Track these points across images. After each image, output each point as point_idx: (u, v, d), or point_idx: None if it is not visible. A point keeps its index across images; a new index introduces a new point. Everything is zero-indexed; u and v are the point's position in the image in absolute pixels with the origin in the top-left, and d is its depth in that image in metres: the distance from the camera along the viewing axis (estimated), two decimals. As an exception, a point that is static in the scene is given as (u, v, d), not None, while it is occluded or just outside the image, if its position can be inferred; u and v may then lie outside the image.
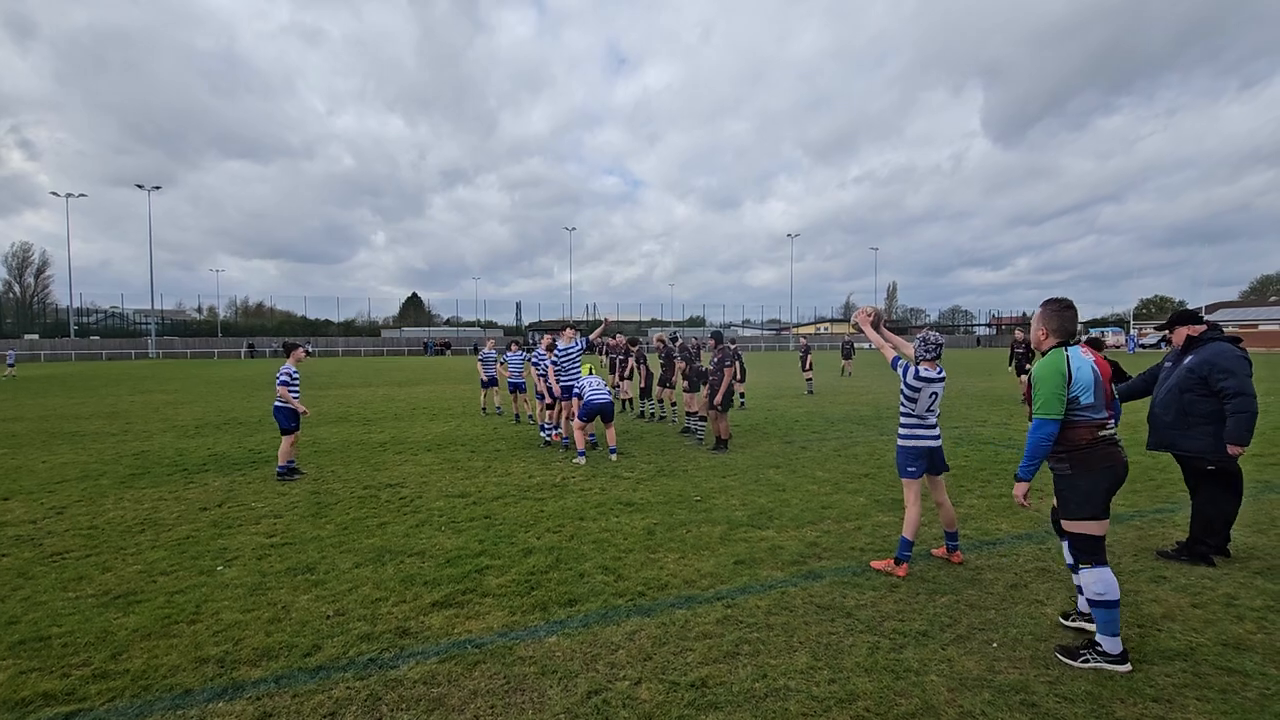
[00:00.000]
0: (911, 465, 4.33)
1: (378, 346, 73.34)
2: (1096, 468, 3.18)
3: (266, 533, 5.50)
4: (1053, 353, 3.24)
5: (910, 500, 4.36)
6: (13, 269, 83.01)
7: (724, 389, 8.86)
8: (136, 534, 5.52)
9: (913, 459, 4.32)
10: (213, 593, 4.19)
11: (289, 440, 7.64)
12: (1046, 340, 3.31)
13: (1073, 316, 3.29)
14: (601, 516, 5.83)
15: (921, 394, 4.30)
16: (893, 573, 4.32)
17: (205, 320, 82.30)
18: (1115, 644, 3.11)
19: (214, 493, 7.00)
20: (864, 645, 3.36)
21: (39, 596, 4.17)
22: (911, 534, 4.31)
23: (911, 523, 4.32)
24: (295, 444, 7.76)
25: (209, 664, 3.27)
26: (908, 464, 4.34)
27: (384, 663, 3.26)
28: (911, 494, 4.37)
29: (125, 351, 62.38)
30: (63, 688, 3.06)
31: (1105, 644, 3.13)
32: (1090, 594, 3.16)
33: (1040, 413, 3.17)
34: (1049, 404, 3.15)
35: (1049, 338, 3.30)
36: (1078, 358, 3.19)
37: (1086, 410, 3.16)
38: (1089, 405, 3.16)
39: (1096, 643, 3.16)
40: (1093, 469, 3.18)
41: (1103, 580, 3.14)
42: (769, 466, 7.94)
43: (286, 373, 7.66)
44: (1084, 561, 3.21)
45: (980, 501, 6.18)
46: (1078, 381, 3.14)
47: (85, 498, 6.86)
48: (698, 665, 3.18)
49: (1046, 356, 3.26)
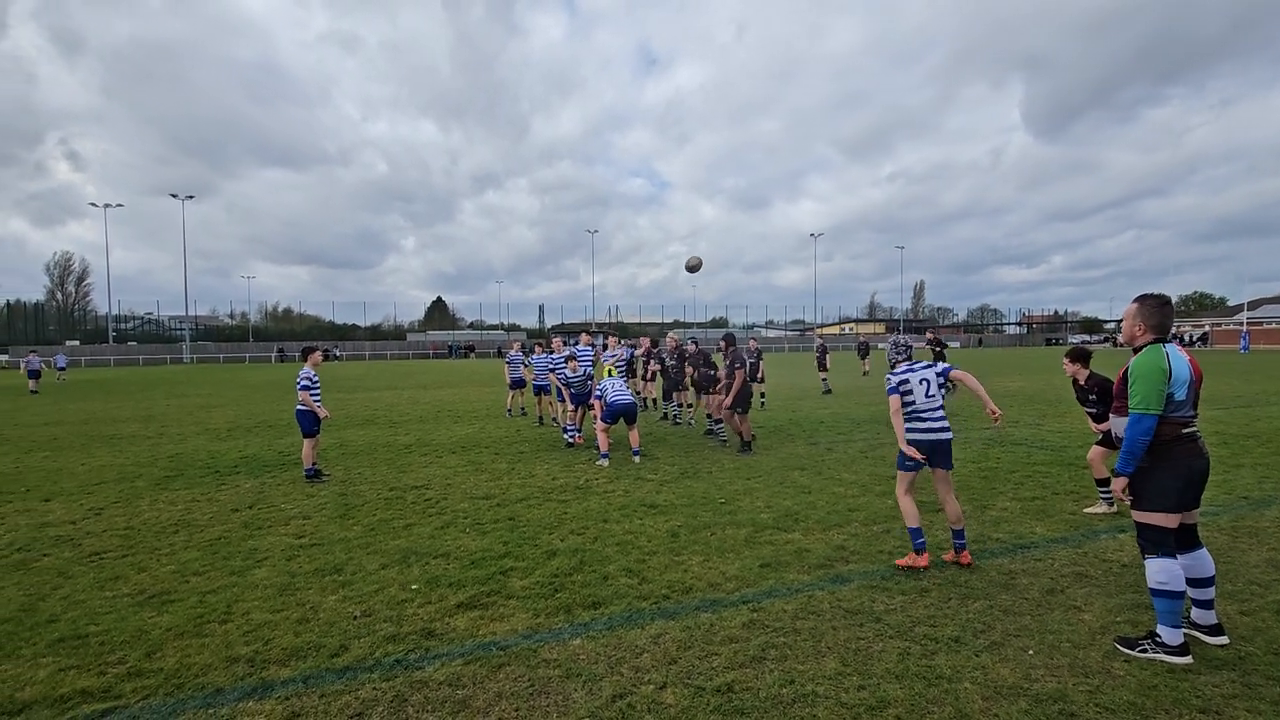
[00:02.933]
0: (910, 459, 4.41)
1: (403, 350, 74.40)
2: (1175, 464, 3.15)
3: (295, 534, 5.58)
4: (1152, 349, 3.19)
5: (900, 491, 4.50)
6: (55, 278, 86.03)
7: (735, 392, 8.82)
8: (170, 535, 5.64)
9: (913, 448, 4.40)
10: (243, 593, 4.25)
11: (310, 443, 7.77)
12: (1143, 336, 3.26)
13: (1170, 313, 3.27)
14: (625, 519, 5.81)
15: (912, 387, 4.47)
16: (915, 564, 4.34)
17: (237, 325, 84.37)
18: (1176, 635, 3.08)
19: (245, 494, 7.14)
20: (894, 651, 3.28)
21: (78, 595, 4.28)
22: (915, 523, 4.39)
23: (910, 514, 4.42)
24: (316, 447, 7.88)
25: (239, 663, 3.31)
26: (906, 458, 4.44)
27: (410, 664, 3.27)
28: (902, 486, 4.49)
29: (161, 356, 64.19)
30: (100, 685, 3.13)
31: (1165, 635, 3.10)
32: (1153, 583, 3.14)
33: (1140, 408, 3.13)
34: (1149, 399, 3.10)
35: (1146, 333, 3.25)
36: (1175, 354, 3.17)
37: (1177, 408, 3.14)
38: (1180, 402, 3.14)
39: (1156, 633, 3.13)
40: (1171, 465, 3.15)
41: (1167, 570, 3.10)
42: (794, 468, 7.85)
43: (306, 376, 7.77)
44: (1149, 551, 3.19)
45: (1013, 504, 6.03)
46: (1176, 377, 3.11)
47: (122, 499, 7.04)
48: (723, 670, 3.14)
49: (1145, 352, 3.20)
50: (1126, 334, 3.37)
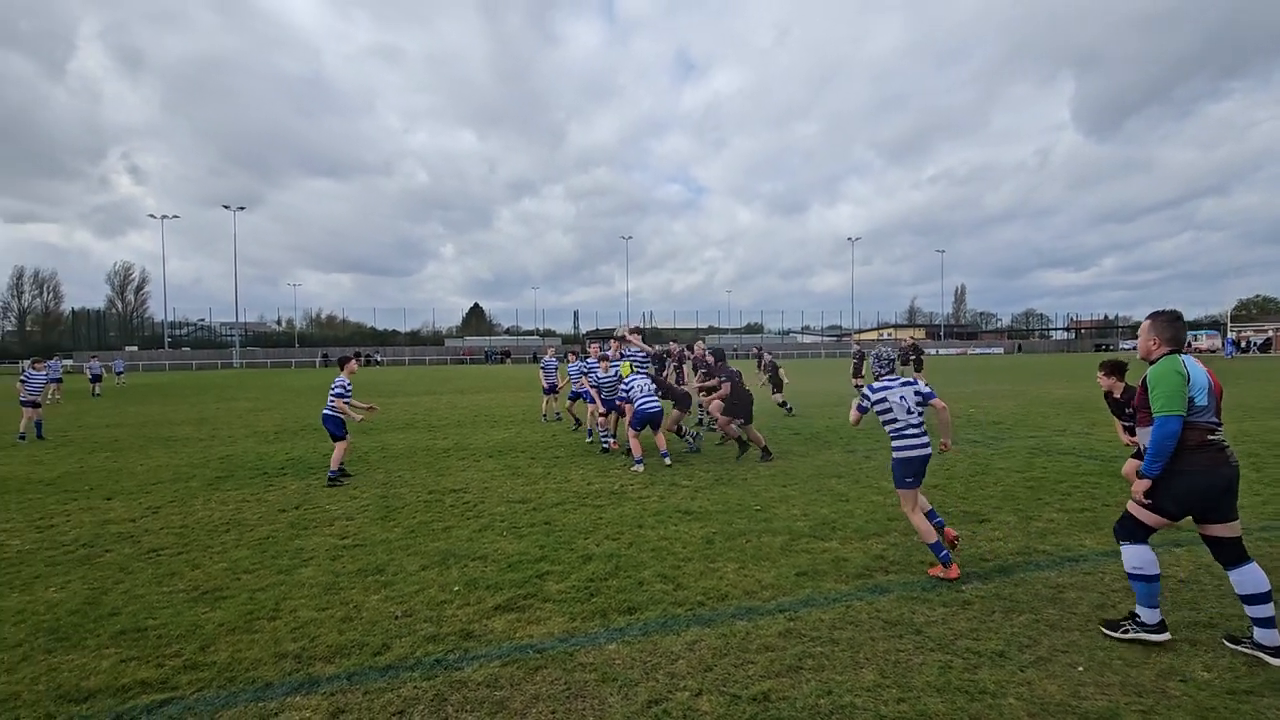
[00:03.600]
0: (909, 476, 4.46)
1: (441, 355, 75.95)
2: (1197, 472, 3.20)
3: (339, 534, 5.74)
4: (1168, 358, 3.31)
5: (909, 509, 4.48)
6: (115, 286, 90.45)
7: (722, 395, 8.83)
8: (222, 533, 5.87)
9: (910, 470, 4.46)
10: (290, 591, 4.39)
11: (341, 446, 8.05)
12: (1159, 349, 3.39)
13: (1183, 327, 3.44)
14: (660, 525, 5.81)
15: (892, 404, 4.55)
16: (946, 576, 4.32)
17: (284, 331, 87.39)
18: (1154, 615, 3.32)
19: (291, 495, 7.37)
20: (935, 664, 3.21)
21: (137, 590, 4.48)
22: (932, 538, 4.40)
23: (925, 530, 4.42)
24: (346, 450, 8.16)
25: (287, 659, 3.43)
26: (905, 475, 4.47)
27: (449, 664, 3.34)
28: (909, 503, 4.49)
29: (212, 361, 66.76)
30: (158, 676, 3.27)
31: (1144, 615, 3.34)
32: (1129, 568, 3.36)
33: (1163, 410, 3.20)
34: (1171, 402, 3.18)
35: (1161, 346, 3.38)
36: (1192, 362, 3.27)
37: (1200, 413, 3.20)
38: (1203, 407, 3.20)
39: (1136, 614, 3.37)
40: (1192, 472, 3.20)
41: (1140, 556, 3.34)
42: (831, 476, 7.74)
43: (341, 385, 8.09)
44: (1124, 538, 3.41)
45: (1061, 515, 5.84)
46: (1194, 382, 3.20)
47: (177, 498, 7.34)
48: (760, 678, 3.12)
49: (1161, 361, 3.32)
50: (1143, 349, 3.49)
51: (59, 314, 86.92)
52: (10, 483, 8.48)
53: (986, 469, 7.97)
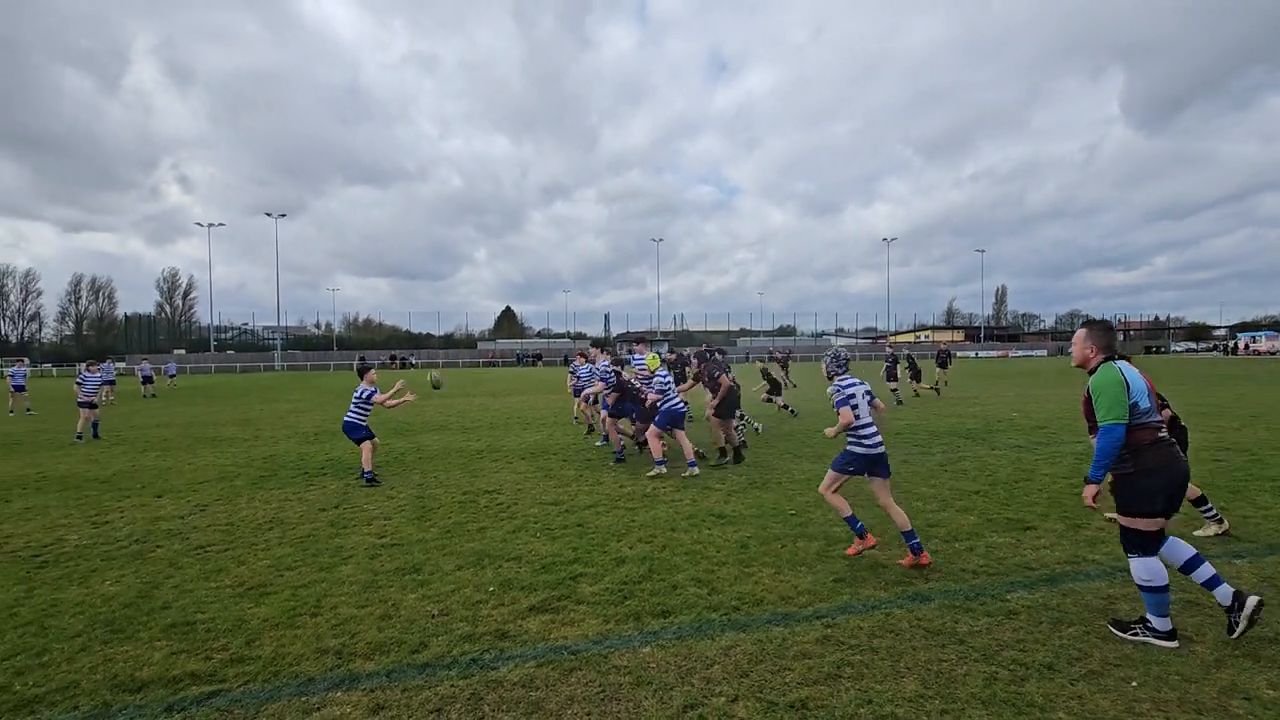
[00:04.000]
0: (852, 465, 4.74)
1: (474, 358, 76.95)
2: (1158, 468, 3.40)
3: (377, 533, 5.85)
4: (1105, 366, 3.50)
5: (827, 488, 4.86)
6: (164, 292, 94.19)
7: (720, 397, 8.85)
8: (266, 531, 6.03)
9: (854, 461, 4.74)
10: (331, 588, 4.49)
11: (368, 447, 8.26)
12: (1095, 357, 3.57)
13: (1114, 335, 3.67)
14: (693, 528, 5.78)
15: (858, 400, 4.79)
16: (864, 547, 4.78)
17: (323, 335, 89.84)
18: (1165, 623, 3.39)
19: (331, 495, 7.54)
20: (979, 675, 3.12)
21: (186, 585, 4.63)
22: (848, 512, 4.81)
23: (841, 505, 4.82)
24: (375, 450, 8.39)
25: (328, 655, 3.50)
26: (848, 464, 4.76)
27: (485, 663, 3.36)
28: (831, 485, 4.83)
29: (255, 364, 68.87)
30: (206, 669, 3.37)
31: (1155, 622, 3.41)
32: (1139, 580, 3.43)
33: (1108, 419, 3.37)
34: (1114, 410, 3.36)
35: (1098, 354, 3.57)
36: (1127, 368, 3.47)
37: (1145, 414, 3.41)
38: (1147, 409, 3.42)
39: (1147, 619, 3.44)
40: (1154, 469, 3.40)
41: (1149, 568, 3.40)
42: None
43: (368, 392, 8.42)
44: (1132, 552, 3.47)
45: (1112, 524, 5.62)
46: (1134, 387, 3.41)
47: (223, 497, 7.57)
48: (797, 686, 3.06)
49: (1101, 370, 3.49)
50: (1079, 358, 3.67)
51: (113, 318, 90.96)
52: (69, 480, 8.86)
53: (1031, 474, 7.73)
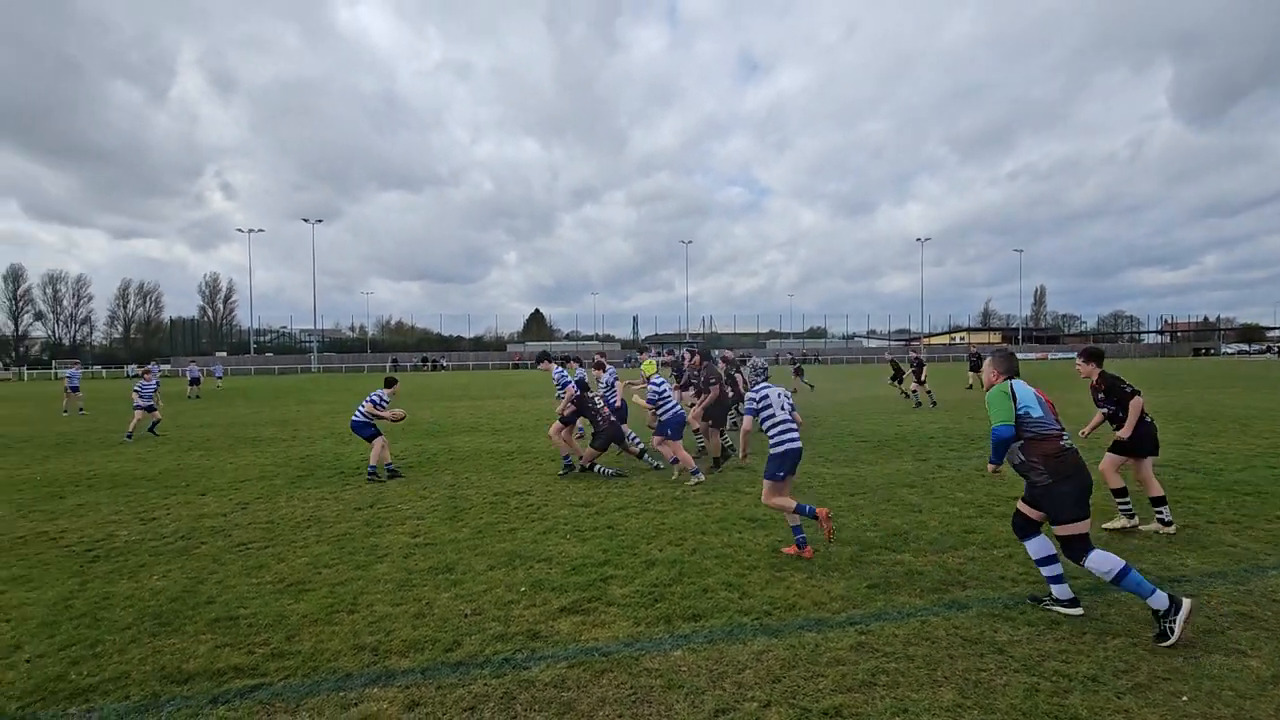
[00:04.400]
0: (781, 470, 5.00)
1: (504, 360, 77.83)
2: (1071, 473, 3.75)
3: (411, 533, 5.94)
4: (998, 384, 4.04)
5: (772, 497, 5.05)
6: (206, 296, 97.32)
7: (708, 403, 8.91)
8: (304, 529, 6.18)
9: (785, 465, 5.01)
10: (367, 586, 4.58)
11: (378, 443, 8.55)
12: (998, 379, 4.09)
13: (1015, 360, 4.19)
14: (724, 531, 5.75)
15: (771, 402, 5.14)
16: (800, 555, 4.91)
17: (357, 338, 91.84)
18: (1161, 599, 3.45)
19: (366, 494, 7.69)
20: (1020, 686, 3.03)
21: (229, 581, 4.77)
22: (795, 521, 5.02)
23: (785, 504, 4.98)
24: (385, 448, 8.66)
25: (365, 651, 3.56)
26: (779, 470, 5.00)
27: (517, 663, 3.39)
28: (774, 493, 5.05)
29: (293, 366, 70.72)
30: (249, 663, 3.47)
31: (1154, 603, 3.46)
32: (1106, 576, 3.56)
33: (997, 422, 3.90)
34: (1001, 415, 3.90)
35: (999, 376, 4.09)
36: (1019, 384, 3.99)
37: (1040, 423, 3.83)
38: (1040, 419, 3.84)
39: (1154, 609, 3.47)
40: (1068, 474, 3.75)
41: (1104, 559, 3.59)
42: (902, 485, 7.47)
43: (379, 396, 8.82)
44: (1080, 557, 3.65)
45: (1159, 533, 5.42)
46: (1021, 400, 3.89)
47: (263, 495, 7.78)
48: (830, 692, 3.02)
49: (994, 388, 4.04)
50: (987, 381, 4.18)
51: (159, 322, 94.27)
52: (119, 478, 9.21)
53: (1071, 481, 7.50)
